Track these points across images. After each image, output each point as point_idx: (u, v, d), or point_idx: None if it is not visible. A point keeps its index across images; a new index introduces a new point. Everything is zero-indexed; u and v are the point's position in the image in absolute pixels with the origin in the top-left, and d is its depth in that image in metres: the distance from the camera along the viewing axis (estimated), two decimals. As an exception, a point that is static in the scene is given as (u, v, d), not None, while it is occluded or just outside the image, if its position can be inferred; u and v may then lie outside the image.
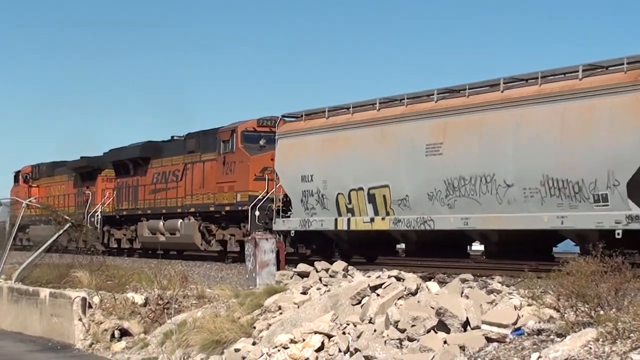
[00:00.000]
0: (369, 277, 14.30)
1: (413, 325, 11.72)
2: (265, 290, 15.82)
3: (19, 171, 54.00)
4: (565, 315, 10.39)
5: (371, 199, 23.69)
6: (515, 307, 11.83)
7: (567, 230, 19.38)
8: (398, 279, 13.61)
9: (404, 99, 24.16)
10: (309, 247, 27.18)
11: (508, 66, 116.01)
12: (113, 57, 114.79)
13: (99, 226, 36.25)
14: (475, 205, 20.78)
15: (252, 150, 29.98)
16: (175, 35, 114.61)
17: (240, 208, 29.47)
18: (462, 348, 10.54)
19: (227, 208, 30.19)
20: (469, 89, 22.31)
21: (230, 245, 30.15)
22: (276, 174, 28.08)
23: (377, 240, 25.28)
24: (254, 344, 13.84)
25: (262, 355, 12.96)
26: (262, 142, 29.06)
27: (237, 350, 13.69)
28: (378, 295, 13.49)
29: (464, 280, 13.15)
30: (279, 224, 27.12)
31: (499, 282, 13.52)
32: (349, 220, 24.40)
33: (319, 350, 12.37)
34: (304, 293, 14.92)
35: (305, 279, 16.04)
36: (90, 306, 18.66)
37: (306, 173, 26.42)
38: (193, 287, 17.64)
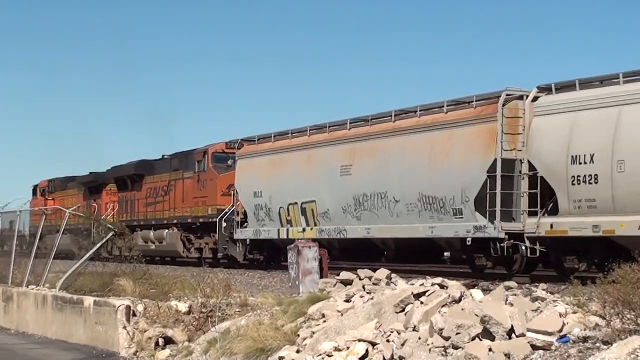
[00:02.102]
0: (412, 284, 12.66)
1: (457, 333, 10.17)
2: (309, 298, 14.23)
3: (36, 185, 52.73)
4: (611, 323, 9.33)
5: (303, 212, 26.36)
6: (561, 315, 10.34)
7: (437, 238, 21.85)
8: (442, 286, 12.10)
9: (326, 127, 26.25)
10: (262, 254, 29.51)
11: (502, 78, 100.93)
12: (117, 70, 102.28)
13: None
14: (375, 218, 23.41)
15: (220, 170, 32.21)
16: (167, 47, 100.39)
17: (210, 220, 31.49)
18: (507, 356, 9.33)
19: (201, 220, 32.52)
20: (371, 119, 24.45)
21: (204, 252, 32.55)
22: (236, 190, 29.94)
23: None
24: (297, 351, 12.30)
25: (306, 363, 12.00)
26: (229, 162, 31.36)
27: (281, 358, 12.29)
28: (422, 302, 11.79)
29: (508, 288, 11.99)
30: (238, 234, 29.23)
31: (544, 290, 12.18)
32: (287, 230, 26.98)
33: (363, 358, 10.98)
34: (348, 301, 13.38)
35: (348, 286, 14.50)
36: (134, 314, 16.79)
37: (257, 189, 28.50)
38: (236, 295, 16.04)
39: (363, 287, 13.80)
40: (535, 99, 20.02)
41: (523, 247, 19.58)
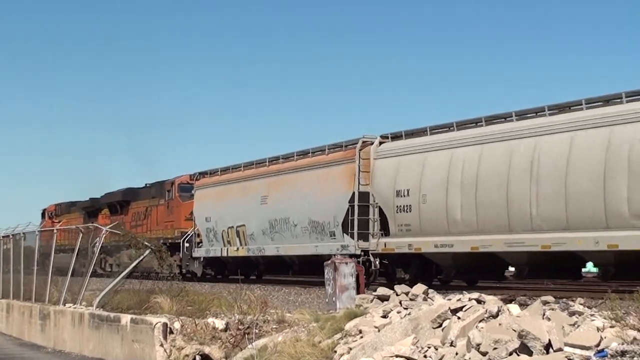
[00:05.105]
0: (449, 300, 11.71)
1: (495, 348, 9.44)
2: (346, 314, 13.34)
3: (45, 209, 53.78)
4: (649, 337, 7.36)
5: (237, 234, 29.76)
6: (598, 329, 9.56)
7: (320, 255, 24.53)
8: (479, 301, 11.20)
9: (254, 163, 29.13)
10: (212, 270, 32.35)
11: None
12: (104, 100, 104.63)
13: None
14: (282, 238, 27.00)
15: (184, 198, 35.37)
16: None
17: (176, 241, 34.30)
18: (545, 370, 7.37)
19: (170, 241, 34.46)
20: (282, 157, 27.60)
21: (173, 268, 31.70)
22: (194, 216, 32.51)
23: (253, 263, 30.43)
24: (335, 368, 9.82)
25: (343, 379, 9.13)
26: (192, 192, 33.89)
27: (318, 374, 9.59)
28: (459, 318, 10.91)
29: (545, 302, 10.99)
30: (196, 252, 32.31)
31: (581, 304, 11.29)
32: (227, 249, 30.19)
33: (400, 373, 8.77)
34: (385, 317, 12.50)
35: (385, 302, 13.52)
36: (171, 331, 15.58)
37: (208, 215, 31.32)
38: (273, 311, 15.17)
39: (400, 302, 12.75)
40: (380, 144, 24.00)
41: (377, 262, 23.70)
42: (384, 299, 12.95)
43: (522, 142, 19.93)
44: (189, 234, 34.06)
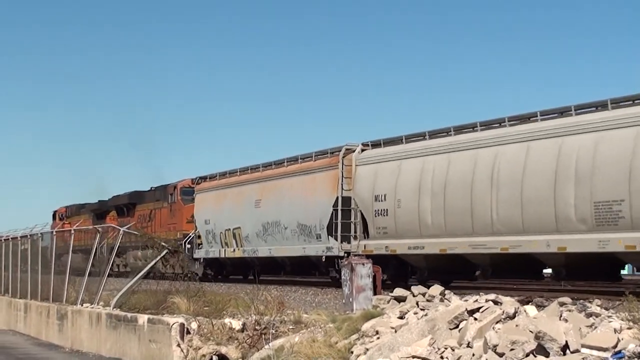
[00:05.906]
0: (466, 301, 10.62)
1: (512, 349, 8.64)
2: (362, 315, 12.19)
3: (56, 211, 50.71)
4: (666, 339, 7.51)
5: (234, 236, 28.12)
6: (615, 330, 8.81)
7: (309, 256, 23.96)
8: (495, 302, 10.17)
9: (249, 169, 27.85)
10: (212, 270, 30.50)
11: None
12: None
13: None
14: (274, 240, 25.73)
15: (186, 202, 33.59)
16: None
17: (179, 242, 32.17)
18: (562, 372, 7.51)
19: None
20: (274, 163, 26.37)
21: (175, 268, 35.87)
22: (194, 219, 30.87)
23: (249, 264, 28.55)
24: (351, 369, 10.02)
25: (360, 380, 9.36)
26: (193, 195, 31.70)
27: (334, 375, 9.76)
28: (476, 319, 9.92)
29: (562, 304, 9.99)
30: (196, 254, 30.49)
31: (598, 306, 10.26)
32: (225, 250, 28.61)
33: (417, 374, 9.04)
34: (401, 317, 11.40)
35: (402, 303, 12.31)
36: (188, 332, 14.34)
37: (207, 218, 29.73)
38: (290, 312, 13.84)
39: (417, 303, 11.83)
40: (362, 151, 22.87)
41: None
42: (400, 299, 12.41)
43: (485, 150, 19.40)
44: (190, 236, 32.18)
